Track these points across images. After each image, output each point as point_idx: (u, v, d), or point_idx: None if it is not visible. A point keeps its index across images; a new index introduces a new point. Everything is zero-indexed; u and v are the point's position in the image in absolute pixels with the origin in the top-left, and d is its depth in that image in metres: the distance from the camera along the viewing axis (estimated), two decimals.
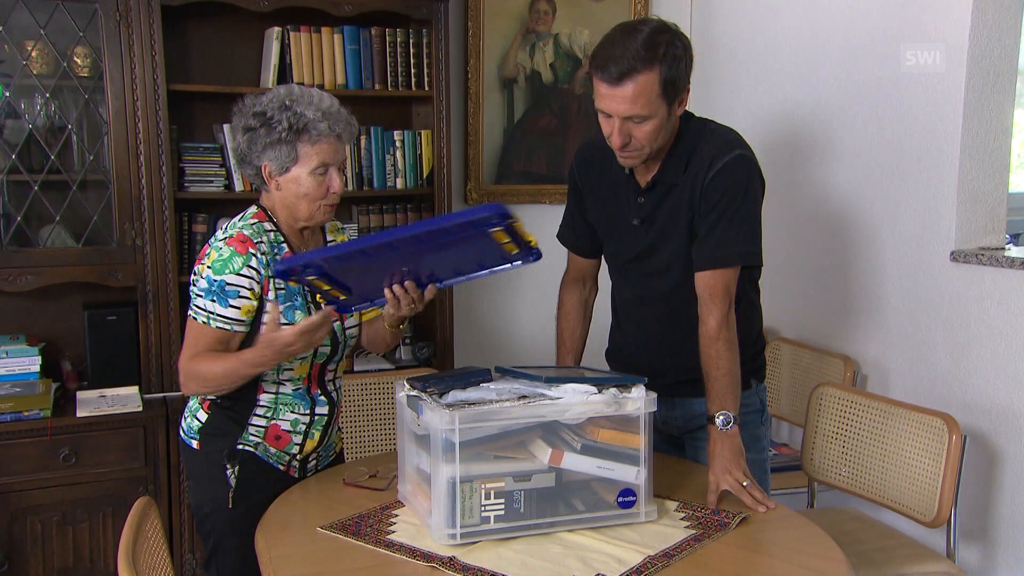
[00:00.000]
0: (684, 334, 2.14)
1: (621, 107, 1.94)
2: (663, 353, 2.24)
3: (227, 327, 1.96)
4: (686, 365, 2.13)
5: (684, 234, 2.11)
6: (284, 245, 2.06)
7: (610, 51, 1.93)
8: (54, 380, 3.06)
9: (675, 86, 1.96)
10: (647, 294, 2.23)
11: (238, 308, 1.96)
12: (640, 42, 1.91)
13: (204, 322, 1.96)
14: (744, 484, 1.95)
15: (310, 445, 2.12)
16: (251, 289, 1.97)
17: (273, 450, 2.08)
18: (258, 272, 1.98)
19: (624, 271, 2.27)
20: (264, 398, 2.06)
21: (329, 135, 1.99)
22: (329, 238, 2.21)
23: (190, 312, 1.99)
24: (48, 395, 2.93)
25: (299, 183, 2.00)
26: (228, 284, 1.95)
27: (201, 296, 1.96)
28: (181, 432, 2.14)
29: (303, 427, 2.09)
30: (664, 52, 1.91)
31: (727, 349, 2.04)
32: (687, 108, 2.08)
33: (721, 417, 2.00)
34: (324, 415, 2.12)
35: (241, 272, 1.96)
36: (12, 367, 3.00)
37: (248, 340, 2.01)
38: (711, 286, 2.05)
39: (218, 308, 1.95)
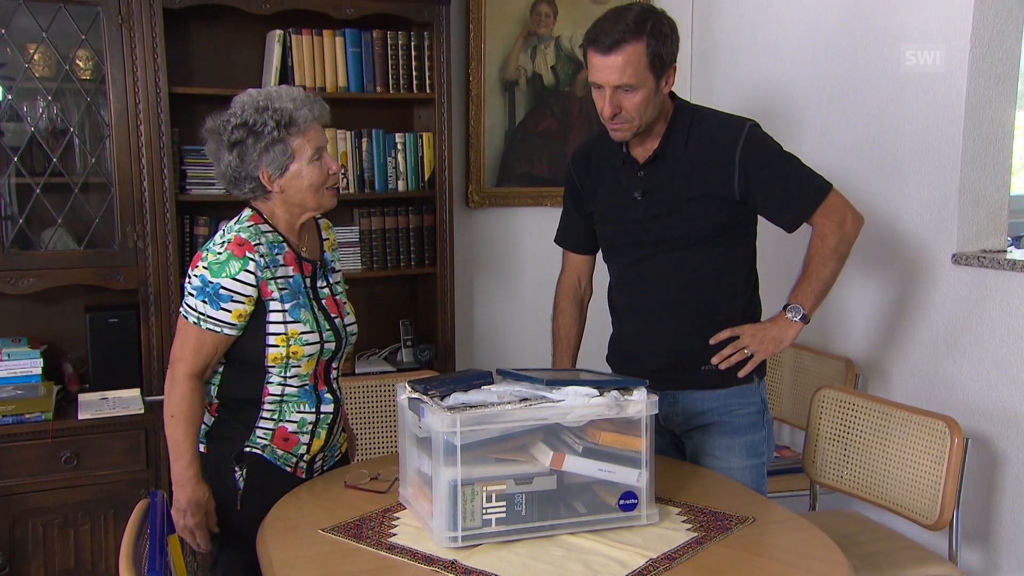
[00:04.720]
0: (682, 319, 2.21)
1: (611, 76, 2.07)
2: (662, 341, 2.27)
3: (217, 329, 1.97)
4: (686, 350, 2.17)
5: (686, 206, 2.18)
6: (284, 244, 2.07)
7: (601, 26, 2.08)
8: (56, 382, 3.06)
9: (662, 60, 2.09)
10: (646, 275, 2.27)
11: (229, 312, 1.97)
12: (629, 18, 2.07)
13: (195, 322, 1.98)
14: (747, 353, 2.18)
15: (317, 444, 2.12)
16: (246, 295, 1.98)
17: (280, 452, 2.09)
18: (255, 275, 1.98)
19: (624, 251, 2.31)
20: (269, 400, 2.06)
21: (313, 120, 2.05)
22: (324, 236, 2.23)
23: (181, 310, 2.01)
24: (50, 397, 2.93)
25: (301, 177, 2.03)
26: (223, 288, 1.96)
27: (193, 295, 1.97)
28: None
29: (309, 426, 2.10)
30: (651, 28, 2.07)
31: (836, 263, 2.21)
32: (681, 96, 2.23)
33: (792, 309, 2.19)
34: (330, 413, 2.13)
35: (237, 277, 1.96)
36: (14, 369, 3.00)
37: (241, 343, 2.02)
38: (826, 212, 2.20)
39: (209, 310, 1.96)
